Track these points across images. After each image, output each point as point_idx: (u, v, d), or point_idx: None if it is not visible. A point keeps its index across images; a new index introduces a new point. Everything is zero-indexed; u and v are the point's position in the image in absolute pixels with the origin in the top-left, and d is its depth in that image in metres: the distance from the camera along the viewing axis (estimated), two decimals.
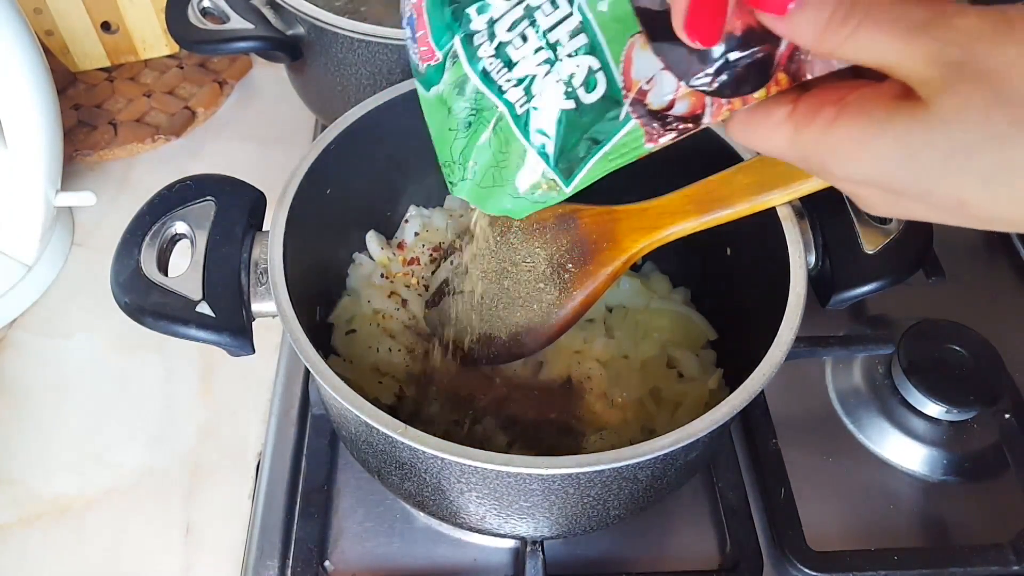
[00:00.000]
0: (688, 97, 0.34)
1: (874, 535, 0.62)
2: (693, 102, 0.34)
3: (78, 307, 0.76)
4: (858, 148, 0.29)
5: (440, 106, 0.43)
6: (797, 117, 0.31)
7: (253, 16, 0.73)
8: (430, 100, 0.43)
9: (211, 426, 0.69)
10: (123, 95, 0.93)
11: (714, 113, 0.34)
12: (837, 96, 0.30)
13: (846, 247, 0.52)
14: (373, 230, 0.68)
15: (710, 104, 0.34)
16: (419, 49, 0.42)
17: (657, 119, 0.35)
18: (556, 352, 0.62)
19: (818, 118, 0.30)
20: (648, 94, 0.35)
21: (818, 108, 0.30)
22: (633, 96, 0.35)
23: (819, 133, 0.30)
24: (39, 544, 0.62)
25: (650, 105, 0.35)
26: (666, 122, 0.35)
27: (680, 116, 0.34)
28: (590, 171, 0.39)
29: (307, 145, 0.73)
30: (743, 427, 0.67)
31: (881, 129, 0.28)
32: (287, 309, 0.48)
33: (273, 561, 0.60)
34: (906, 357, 0.66)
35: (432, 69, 0.42)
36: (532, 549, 0.57)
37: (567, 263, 0.58)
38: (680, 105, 0.34)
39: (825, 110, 0.30)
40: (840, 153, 0.30)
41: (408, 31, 0.43)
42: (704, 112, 0.34)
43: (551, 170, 0.40)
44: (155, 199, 0.52)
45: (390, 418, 0.44)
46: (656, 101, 0.35)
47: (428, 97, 0.43)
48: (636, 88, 0.35)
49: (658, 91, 0.34)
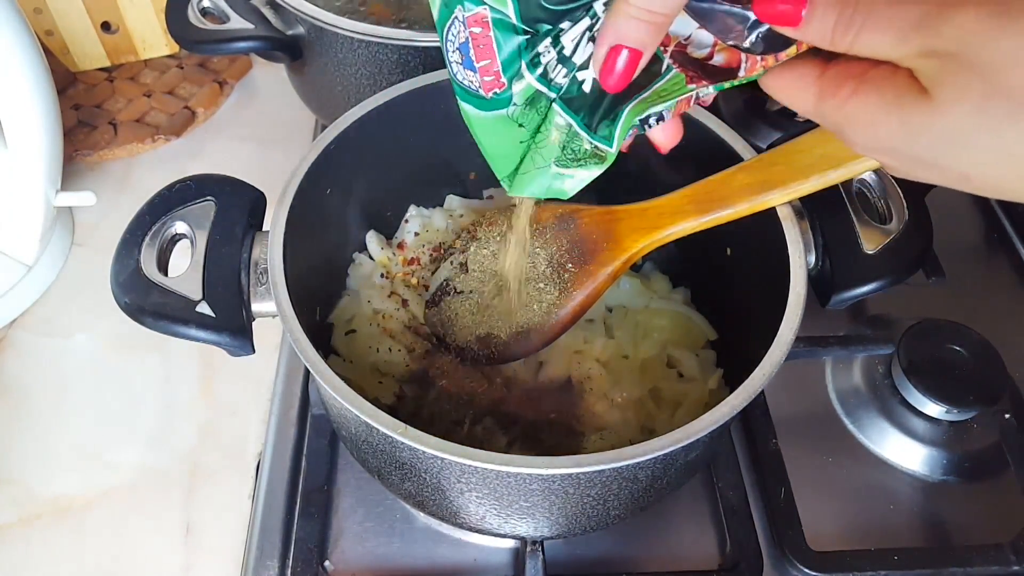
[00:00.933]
0: (725, 51, 0.37)
1: (874, 535, 0.62)
2: (729, 56, 0.37)
3: (78, 307, 0.76)
4: (870, 124, 0.32)
5: (506, 124, 0.44)
6: (823, 84, 0.34)
7: (253, 16, 0.73)
8: (489, 121, 0.44)
9: (211, 426, 0.69)
10: (123, 95, 0.93)
11: (748, 68, 0.36)
12: (860, 70, 0.32)
13: (846, 247, 0.52)
14: (373, 230, 0.68)
15: (745, 59, 0.36)
16: (481, 79, 0.42)
17: (698, 66, 0.38)
18: (556, 352, 0.62)
19: (840, 91, 0.33)
20: (688, 46, 0.38)
21: (841, 81, 0.33)
22: (672, 48, 0.38)
23: (839, 104, 0.33)
24: (39, 544, 0.62)
25: (691, 54, 0.38)
26: (706, 69, 0.38)
27: (718, 66, 0.37)
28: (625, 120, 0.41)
29: (307, 145, 0.73)
30: (743, 427, 0.67)
31: (890, 110, 0.31)
32: (287, 309, 0.48)
33: (273, 561, 0.60)
34: (906, 357, 0.66)
35: (498, 95, 0.42)
36: (532, 549, 0.57)
37: (567, 263, 0.58)
38: (718, 57, 0.37)
39: (847, 84, 0.33)
40: (855, 125, 0.33)
41: (455, 55, 0.42)
42: (740, 66, 0.37)
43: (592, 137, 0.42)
44: (155, 199, 0.52)
45: (390, 418, 0.44)
46: (696, 51, 0.38)
47: (486, 118, 0.44)
48: (674, 42, 0.38)
49: (697, 44, 0.37)
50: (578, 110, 0.42)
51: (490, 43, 0.40)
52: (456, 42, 0.41)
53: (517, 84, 0.42)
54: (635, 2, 0.34)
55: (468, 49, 0.41)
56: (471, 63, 0.42)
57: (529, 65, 0.41)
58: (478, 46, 0.41)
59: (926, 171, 0.32)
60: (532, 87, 0.42)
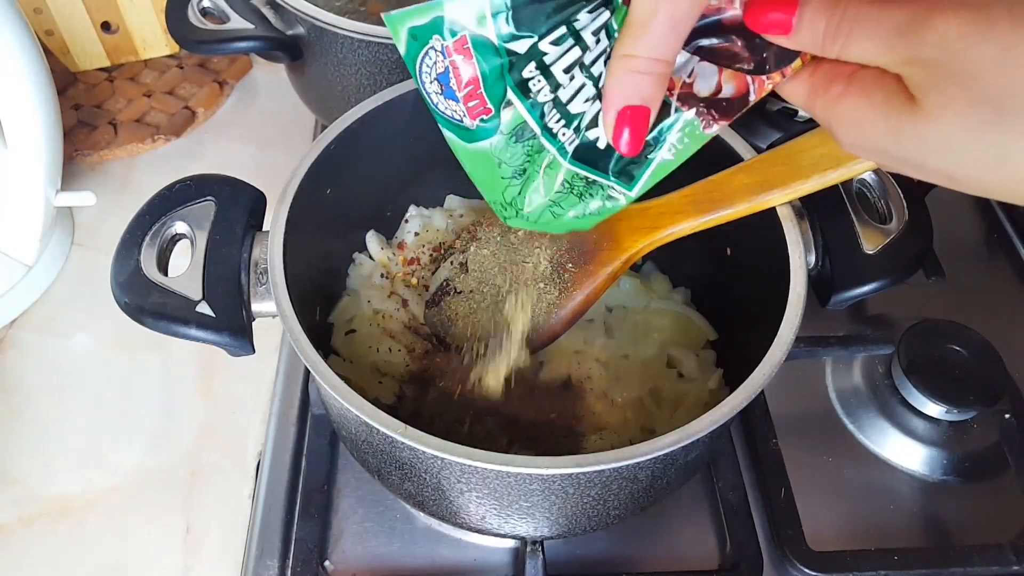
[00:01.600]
0: (732, 79, 0.36)
1: (874, 535, 0.62)
2: (737, 83, 0.36)
3: (78, 307, 0.76)
4: (858, 125, 0.33)
5: (487, 159, 0.44)
6: (814, 81, 0.34)
7: (253, 16, 0.73)
8: (472, 152, 0.44)
9: (211, 426, 0.69)
10: (123, 95, 0.93)
11: (758, 90, 0.36)
12: (850, 69, 0.32)
13: (846, 247, 0.52)
14: (373, 230, 0.68)
15: (752, 82, 0.36)
16: (465, 106, 0.42)
17: (709, 105, 0.37)
18: (556, 352, 0.62)
19: (829, 90, 0.33)
20: (694, 85, 0.37)
21: (831, 80, 0.33)
22: (679, 92, 0.37)
23: (828, 104, 0.34)
24: (39, 544, 0.62)
25: (699, 94, 0.37)
26: (719, 106, 0.37)
27: (728, 98, 0.37)
28: (651, 176, 0.41)
29: (307, 145, 0.73)
30: (743, 427, 0.67)
31: (877, 114, 0.32)
32: (287, 309, 0.48)
33: (273, 561, 0.60)
34: (906, 357, 0.66)
35: (484, 122, 0.42)
36: (532, 549, 0.57)
37: (567, 263, 0.58)
38: (727, 87, 0.37)
39: (836, 84, 0.33)
40: (844, 125, 0.33)
41: (433, 86, 0.42)
42: (749, 90, 0.36)
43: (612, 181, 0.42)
44: (155, 199, 0.52)
45: (390, 418, 0.44)
46: (704, 88, 0.37)
47: (469, 149, 0.44)
48: (679, 84, 0.37)
49: (703, 80, 0.37)
50: (594, 163, 0.42)
51: (473, 67, 0.40)
52: (433, 72, 0.41)
53: (506, 112, 0.41)
54: (639, 53, 0.34)
55: (448, 78, 0.41)
56: (452, 93, 0.41)
57: (516, 90, 0.40)
58: (460, 73, 0.40)
59: (913, 171, 0.33)
60: (520, 116, 0.41)
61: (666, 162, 0.40)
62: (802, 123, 0.85)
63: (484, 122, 0.42)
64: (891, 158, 0.33)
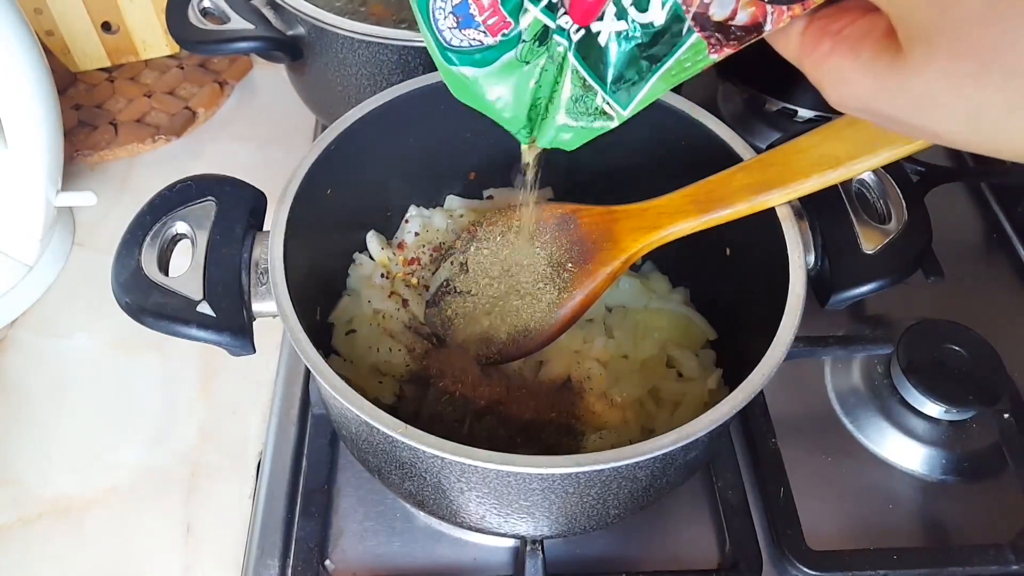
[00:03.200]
0: (749, 6, 0.35)
1: (873, 535, 0.62)
2: (754, 11, 0.35)
3: (78, 307, 0.76)
4: (846, 82, 0.33)
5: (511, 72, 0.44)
6: (805, 39, 0.34)
7: (253, 16, 0.73)
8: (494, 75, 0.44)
9: (211, 426, 0.69)
10: (123, 95, 0.93)
11: (775, 20, 0.35)
12: (839, 25, 0.33)
13: (845, 247, 0.52)
14: (373, 230, 0.68)
15: (771, 12, 0.35)
16: (485, 24, 0.42)
17: (720, 30, 0.36)
18: (556, 352, 0.62)
19: (818, 48, 0.33)
20: (711, 6, 0.36)
21: (820, 37, 0.33)
22: (695, 10, 0.36)
23: (817, 62, 0.34)
24: (39, 544, 0.62)
25: (713, 16, 0.36)
26: (729, 32, 0.36)
27: (742, 26, 0.36)
28: (649, 91, 0.40)
29: (307, 145, 0.73)
30: (743, 427, 0.67)
31: (864, 70, 0.32)
32: (287, 309, 0.48)
33: (273, 561, 0.60)
34: (905, 357, 0.67)
35: (505, 36, 0.42)
36: (532, 548, 0.57)
37: (567, 263, 0.58)
38: (742, 15, 0.36)
39: (824, 41, 0.33)
40: (832, 82, 0.33)
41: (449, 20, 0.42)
42: (765, 20, 0.35)
43: (608, 95, 0.41)
44: (155, 199, 0.52)
45: (390, 418, 0.44)
46: (719, 12, 0.36)
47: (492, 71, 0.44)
48: (696, 3, 0.36)
49: (719, 4, 0.36)
50: (595, 65, 0.41)
51: None
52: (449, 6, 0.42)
53: (524, 18, 0.41)
54: None
55: (467, 6, 0.41)
56: (470, 20, 0.42)
57: None
58: None
59: (898, 127, 0.33)
60: (539, 21, 0.41)
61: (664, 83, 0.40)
62: (802, 123, 0.85)
63: (505, 36, 0.42)
64: (877, 114, 0.33)
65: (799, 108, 0.84)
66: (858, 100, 0.33)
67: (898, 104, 0.31)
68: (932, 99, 0.30)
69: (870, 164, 0.47)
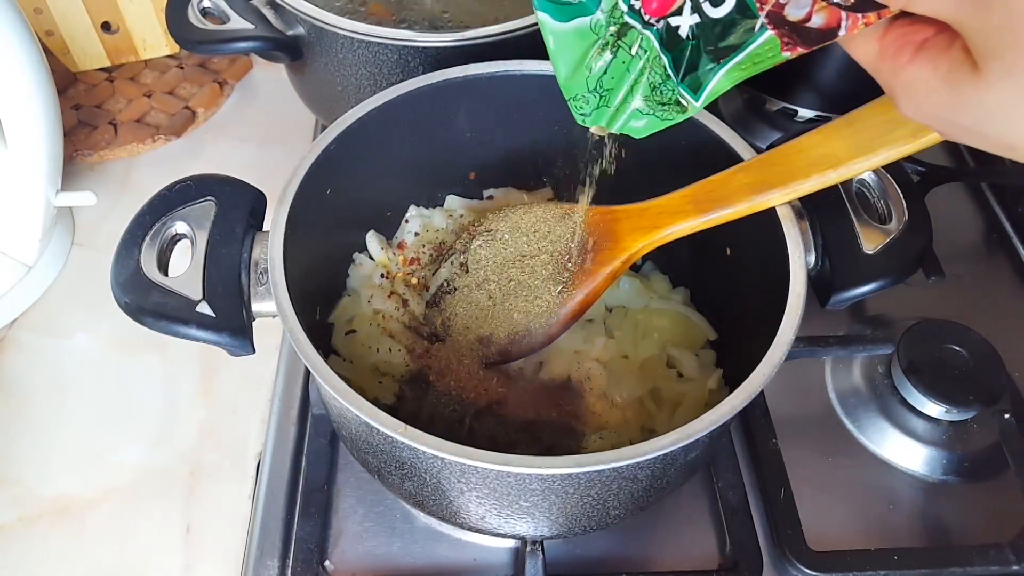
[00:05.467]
0: (824, 10, 0.36)
1: (874, 535, 0.62)
2: (829, 16, 0.36)
3: (78, 307, 0.76)
4: (922, 93, 0.33)
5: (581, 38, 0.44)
6: (884, 44, 0.34)
7: (253, 16, 0.73)
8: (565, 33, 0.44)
9: (211, 426, 0.69)
10: (123, 95, 0.93)
11: (850, 27, 0.35)
12: (921, 38, 0.33)
13: (846, 247, 0.52)
14: (373, 230, 0.68)
15: (845, 18, 0.35)
16: None
17: (794, 30, 0.37)
18: (556, 352, 0.62)
19: (899, 57, 0.34)
20: (786, 7, 0.37)
21: (901, 46, 0.34)
22: (769, 8, 0.37)
23: (895, 70, 0.34)
24: (39, 544, 0.62)
25: (788, 16, 0.37)
26: (803, 33, 0.37)
27: (817, 28, 0.36)
28: (719, 83, 0.40)
29: (307, 145, 0.73)
30: (743, 427, 0.67)
31: (941, 83, 0.32)
32: (287, 309, 0.48)
33: (273, 561, 0.60)
34: (906, 357, 0.67)
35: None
36: (532, 549, 0.57)
37: (567, 263, 0.58)
38: (817, 18, 0.36)
39: (905, 51, 0.34)
40: (908, 92, 0.34)
41: None
42: (840, 25, 0.36)
43: (680, 87, 0.42)
44: (155, 199, 0.52)
45: (390, 418, 0.44)
46: (795, 13, 0.36)
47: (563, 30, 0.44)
48: (771, 2, 0.37)
49: (795, 5, 0.36)
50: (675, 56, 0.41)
51: None
52: None
53: None
54: None
55: None
56: None
57: None
58: None
59: (972, 139, 0.34)
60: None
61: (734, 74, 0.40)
62: (802, 123, 0.85)
63: None
64: (952, 126, 0.33)
65: (799, 108, 0.84)
66: (933, 110, 0.33)
67: (972, 116, 0.32)
68: (1008, 113, 0.31)
69: (870, 164, 0.47)
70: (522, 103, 0.62)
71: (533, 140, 0.66)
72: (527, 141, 0.66)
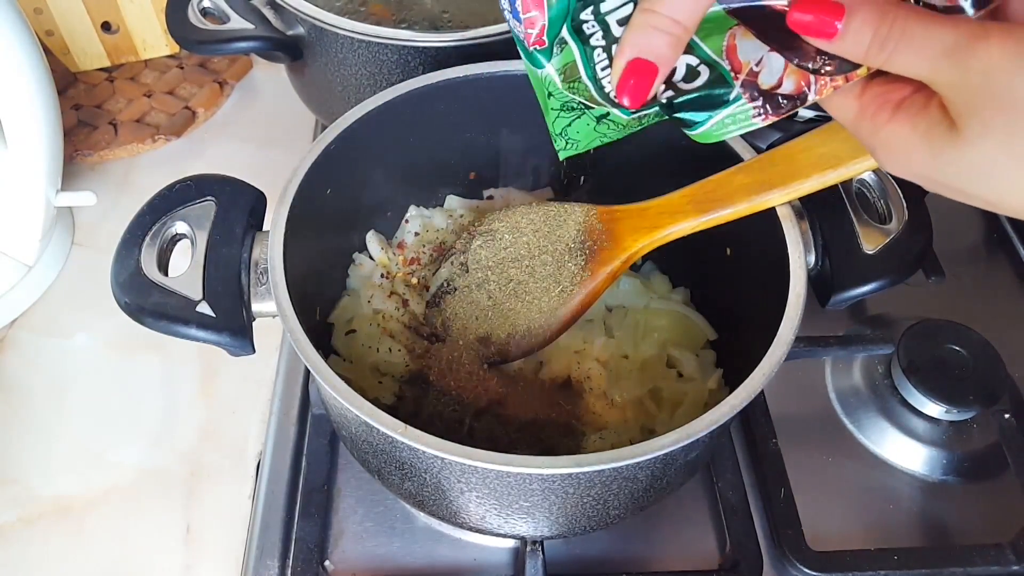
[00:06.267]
0: (794, 75, 0.36)
1: (874, 535, 0.62)
2: (798, 80, 0.36)
3: (78, 307, 0.76)
4: (902, 151, 0.33)
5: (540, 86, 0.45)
6: (863, 103, 0.34)
7: (253, 16, 0.73)
8: (536, 76, 0.45)
9: (211, 426, 0.69)
10: (123, 95, 0.93)
11: (818, 90, 0.36)
12: (898, 97, 0.33)
13: (846, 247, 0.52)
14: (373, 230, 0.68)
15: (814, 81, 0.36)
16: (524, 30, 0.43)
17: (767, 98, 0.38)
18: (556, 352, 0.62)
19: (877, 116, 0.34)
20: (759, 75, 0.37)
21: (880, 106, 0.34)
22: (744, 77, 0.38)
23: (873, 128, 0.34)
24: (39, 544, 0.62)
25: (761, 85, 0.37)
26: (775, 101, 0.37)
27: (787, 94, 0.37)
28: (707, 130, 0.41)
29: (307, 145, 0.73)
30: (743, 427, 0.67)
31: (920, 142, 0.32)
32: (287, 309, 0.48)
33: (273, 561, 0.60)
34: (906, 357, 0.67)
35: (539, 51, 0.43)
36: (532, 549, 0.57)
37: (567, 263, 0.58)
38: (787, 83, 0.37)
39: (884, 110, 0.34)
40: (887, 151, 0.34)
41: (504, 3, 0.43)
42: (809, 89, 0.36)
43: None
44: (155, 199, 0.52)
45: (390, 418, 0.44)
46: (767, 80, 0.37)
47: (535, 72, 0.45)
48: (747, 69, 0.37)
49: (768, 71, 0.37)
50: None
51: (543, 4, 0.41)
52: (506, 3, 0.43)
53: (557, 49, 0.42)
54: (660, 10, 0.34)
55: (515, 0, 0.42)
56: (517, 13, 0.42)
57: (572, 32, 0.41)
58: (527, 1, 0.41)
59: (954, 195, 0.34)
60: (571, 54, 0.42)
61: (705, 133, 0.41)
62: (802, 123, 0.85)
63: (539, 52, 0.43)
64: (934, 183, 0.34)
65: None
66: (913, 168, 0.34)
67: (953, 174, 0.32)
68: (987, 171, 0.31)
69: (870, 164, 0.47)
70: (522, 103, 0.62)
71: (533, 140, 0.66)
72: (527, 141, 0.66)
